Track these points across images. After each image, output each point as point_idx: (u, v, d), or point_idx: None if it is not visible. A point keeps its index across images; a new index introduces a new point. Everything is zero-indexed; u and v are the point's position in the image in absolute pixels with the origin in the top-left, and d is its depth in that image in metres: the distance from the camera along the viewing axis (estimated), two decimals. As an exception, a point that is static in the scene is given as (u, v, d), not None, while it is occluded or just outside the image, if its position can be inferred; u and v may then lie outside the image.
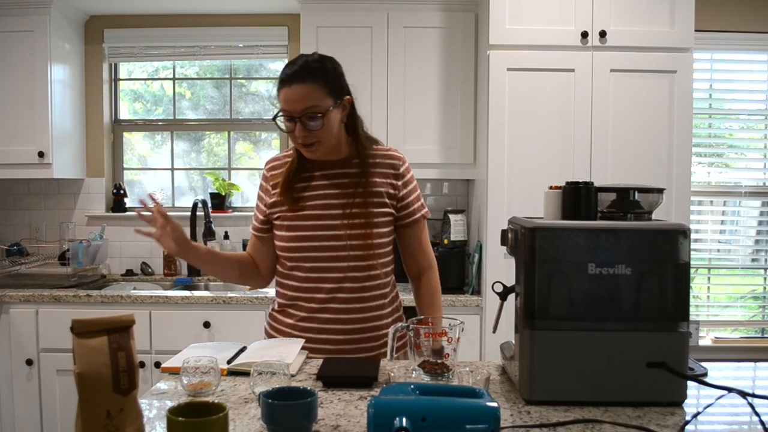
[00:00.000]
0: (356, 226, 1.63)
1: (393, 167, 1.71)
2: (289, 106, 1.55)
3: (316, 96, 1.54)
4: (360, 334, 1.66)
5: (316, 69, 1.57)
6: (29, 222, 3.59)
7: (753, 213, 3.59)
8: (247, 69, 3.78)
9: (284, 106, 1.56)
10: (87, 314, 1.11)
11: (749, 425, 1.19)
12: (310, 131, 1.56)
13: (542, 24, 2.80)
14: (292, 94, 1.54)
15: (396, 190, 1.70)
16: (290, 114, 1.56)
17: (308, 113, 1.54)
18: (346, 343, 1.65)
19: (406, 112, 3.14)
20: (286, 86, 1.55)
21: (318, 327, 1.65)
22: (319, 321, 1.65)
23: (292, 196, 1.66)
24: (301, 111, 1.54)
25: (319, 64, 1.59)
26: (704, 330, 3.50)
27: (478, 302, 2.90)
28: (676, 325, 1.26)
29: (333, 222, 1.63)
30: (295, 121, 1.56)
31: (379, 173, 1.69)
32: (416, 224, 1.75)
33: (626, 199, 1.38)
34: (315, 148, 1.60)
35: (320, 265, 1.64)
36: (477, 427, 0.96)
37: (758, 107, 3.57)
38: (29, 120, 3.21)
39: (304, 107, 1.54)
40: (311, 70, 1.56)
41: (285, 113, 1.57)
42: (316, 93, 1.54)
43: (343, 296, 1.64)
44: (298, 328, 1.67)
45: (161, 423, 1.14)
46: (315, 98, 1.54)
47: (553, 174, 2.76)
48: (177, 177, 3.78)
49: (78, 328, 0.96)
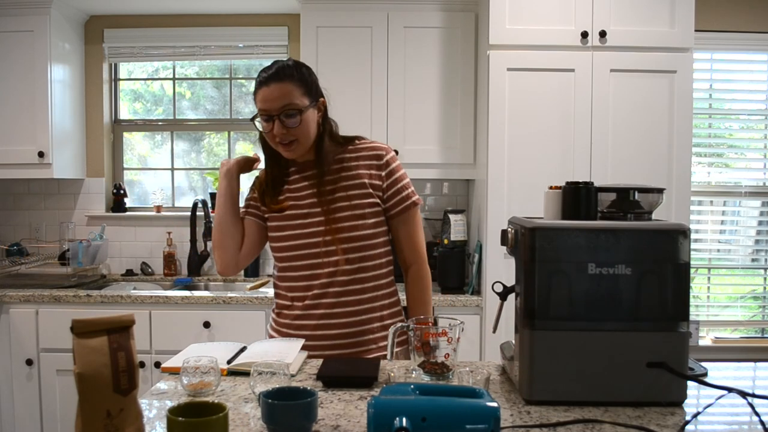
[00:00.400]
0: (341, 219, 1.65)
1: (376, 158, 1.71)
2: (267, 105, 1.59)
3: (293, 95, 1.59)
4: (355, 327, 1.66)
5: (292, 69, 1.62)
6: (29, 222, 3.59)
7: (753, 213, 3.59)
8: (247, 69, 3.78)
9: (262, 105, 1.60)
10: (87, 314, 1.11)
11: (749, 425, 1.19)
12: (288, 129, 1.60)
13: (542, 24, 2.80)
14: (270, 93, 1.58)
15: (380, 181, 1.70)
16: (268, 113, 1.60)
17: (286, 111, 1.58)
18: (342, 337, 1.66)
19: (406, 112, 3.14)
20: (264, 86, 1.60)
21: (314, 323, 1.66)
22: (314, 317, 1.66)
23: (276, 200, 1.71)
24: (279, 109, 1.58)
25: (295, 66, 1.64)
26: (704, 330, 3.50)
27: (478, 302, 2.90)
28: (676, 325, 1.26)
29: (317, 218, 1.66)
30: (273, 120, 1.60)
31: (363, 165, 1.70)
32: (406, 213, 1.73)
33: (626, 199, 1.38)
34: (293, 147, 1.63)
35: (310, 262, 1.66)
36: (477, 427, 0.96)
37: (758, 107, 3.57)
38: (29, 120, 3.21)
39: (281, 105, 1.58)
40: (287, 71, 1.61)
41: (263, 113, 1.61)
42: (293, 92, 1.59)
43: (335, 290, 1.65)
44: (294, 326, 1.69)
45: (161, 423, 1.14)
46: (292, 96, 1.59)
47: (553, 174, 2.76)
48: (177, 177, 3.78)
49: (78, 328, 0.96)
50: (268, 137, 1.64)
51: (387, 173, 1.71)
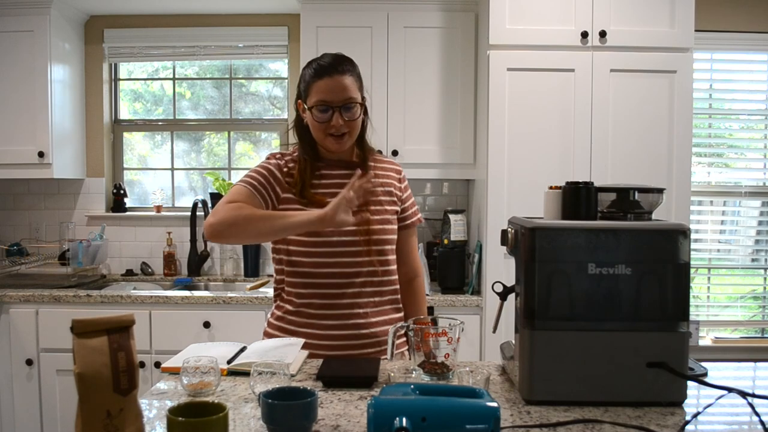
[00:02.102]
0: (374, 222, 1.67)
1: (396, 172, 1.81)
2: (329, 96, 1.59)
3: (353, 88, 1.62)
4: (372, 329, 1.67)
5: (351, 64, 1.65)
6: (29, 222, 3.59)
7: (753, 213, 3.59)
8: (247, 69, 3.78)
9: (324, 96, 1.59)
10: (87, 314, 1.11)
11: (749, 425, 1.19)
12: (345, 121, 1.61)
13: (542, 24, 2.80)
14: (334, 85, 1.59)
15: (401, 192, 1.79)
16: (329, 104, 1.59)
17: (348, 103, 1.60)
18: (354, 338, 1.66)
19: (406, 112, 3.14)
20: (326, 76, 1.59)
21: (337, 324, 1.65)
22: (341, 317, 1.65)
23: (310, 191, 1.63)
24: (342, 101, 1.59)
25: (351, 60, 1.67)
26: (704, 330, 3.50)
27: (478, 302, 2.90)
28: (676, 325, 1.26)
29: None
30: (331, 111, 1.59)
31: (389, 175, 1.78)
32: (411, 228, 1.83)
33: (626, 199, 1.38)
34: (345, 140, 1.65)
35: (341, 261, 1.63)
36: (477, 427, 0.96)
37: (758, 107, 3.57)
38: (29, 120, 3.21)
39: (345, 97, 1.60)
40: (347, 64, 1.64)
41: (322, 103, 1.59)
42: (353, 85, 1.62)
43: (367, 290, 1.67)
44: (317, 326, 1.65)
45: (161, 423, 1.14)
46: (353, 90, 1.62)
47: (553, 174, 2.76)
48: (177, 177, 3.78)
49: (78, 328, 0.96)
50: (321, 128, 1.61)
51: (404, 187, 1.81)
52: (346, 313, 1.65)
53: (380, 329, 1.68)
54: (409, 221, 1.81)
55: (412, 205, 1.83)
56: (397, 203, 1.76)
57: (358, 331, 1.65)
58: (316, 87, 1.60)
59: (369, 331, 1.66)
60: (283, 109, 3.73)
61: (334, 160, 1.70)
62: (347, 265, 1.64)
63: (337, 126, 1.60)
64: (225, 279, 3.47)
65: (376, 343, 1.67)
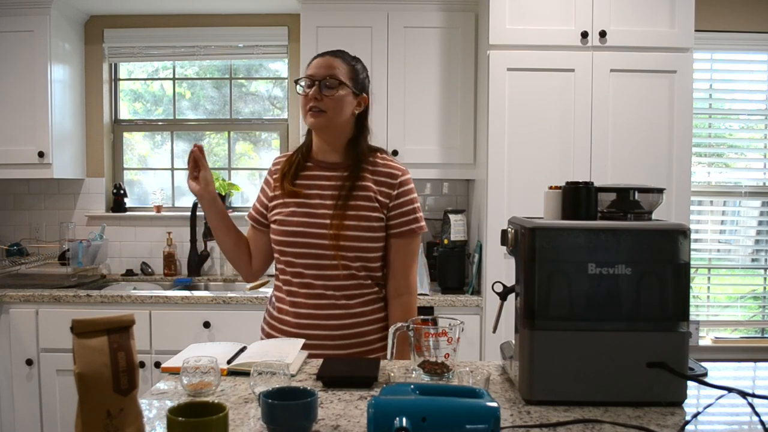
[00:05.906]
0: (346, 227, 1.65)
1: (391, 176, 1.72)
2: (313, 71, 1.68)
3: (340, 71, 1.68)
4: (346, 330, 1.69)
5: (348, 56, 1.74)
6: (29, 222, 3.59)
7: (753, 213, 3.59)
8: (247, 69, 3.78)
9: (309, 71, 1.69)
10: (87, 314, 1.11)
11: (749, 425, 1.19)
12: (323, 96, 1.65)
13: (542, 24, 2.80)
14: (320, 62, 1.69)
15: (388, 199, 1.70)
16: (312, 77, 1.67)
17: (329, 78, 1.66)
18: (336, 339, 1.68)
19: (406, 112, 3.14)
20: (318, 57, 1.71)
21: (315, 323, 1.67)
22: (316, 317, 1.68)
23: (291, 183, 1.72)
24: (323, 75, 1.66)
25: (352, 56, 1.76)
26: (704, 330, 3.50)
27: (478, 302, 2.90)
28: (676, 325, 1.26)
29: (323, 221, 1.66)
30: (314, 85, 1.66)
31: (376, 180, 1.71)
32: (406, 236, 1.72)
33: (626, 199, 1.38)
34: (320, 117, 1.67)
35: (310, 262, 1.67)
36: (477, 427, 0.96)
37: (758, 107, 3.57)
38: (29, 120, 3.21)
39: (326, 73, 1.66)
40: (344, 54, 1.73)
41: (308, 78, 1.68)
42: (340, 68, 1.68)
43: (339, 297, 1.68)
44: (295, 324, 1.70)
45: (161, 423, 1.14)
46: (338, 72, 1.67)
47: (553, 174, 2.76)
48: (177, 177, 3.78)
49: (78, 328, 0.96)
50: (303, 102, 1.69)
51: (397, 193, 1.71)
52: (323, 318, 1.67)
53: (352, 331, 1.69)
54: (396, 230, 1.70)
55: (407, 213, 1.71)
56: (380, 210, 1.68)
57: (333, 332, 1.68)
58: (309, 66, 1.71)
59: (340, 332, 1.68)
60: (283, 109, 3.73)
61: (322, 161, 1.74)
62: (317, 267, 1.67)
63: (313, 98, 1.65)
64: (225, 279, 3.47)
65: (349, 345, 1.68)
